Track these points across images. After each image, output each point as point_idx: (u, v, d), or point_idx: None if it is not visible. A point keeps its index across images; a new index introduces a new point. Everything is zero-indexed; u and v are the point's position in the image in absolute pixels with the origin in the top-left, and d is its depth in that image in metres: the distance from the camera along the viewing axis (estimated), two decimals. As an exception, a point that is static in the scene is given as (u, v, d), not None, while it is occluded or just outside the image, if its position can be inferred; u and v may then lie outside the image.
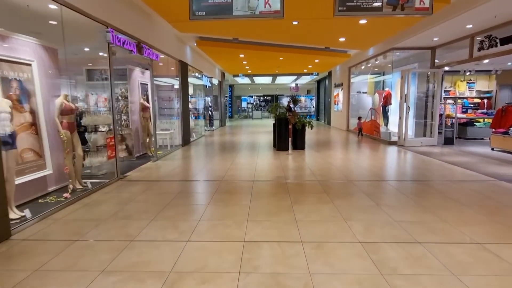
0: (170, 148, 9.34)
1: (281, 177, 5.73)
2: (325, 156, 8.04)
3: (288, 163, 7.06)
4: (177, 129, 10.01)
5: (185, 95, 10.41)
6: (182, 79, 10.03)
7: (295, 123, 9.01)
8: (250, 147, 9.73)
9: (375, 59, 11.62)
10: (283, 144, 8.91)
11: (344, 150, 9.10)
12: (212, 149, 9.46)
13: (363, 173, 6.08)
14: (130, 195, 4.70)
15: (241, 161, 7.41)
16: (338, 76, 16.69)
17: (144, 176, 5.98)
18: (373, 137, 11.80)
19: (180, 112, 9.95)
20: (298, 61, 13.47)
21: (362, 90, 14.69)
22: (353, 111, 15.10)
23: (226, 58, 12.74)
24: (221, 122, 18.93)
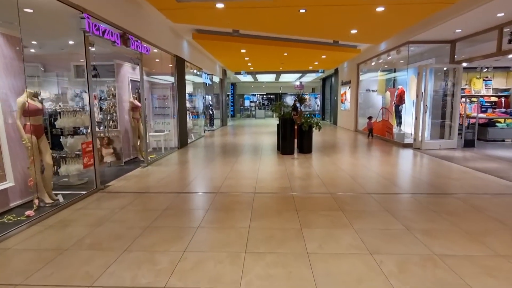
0: (165, 151, 8.57)
1: (287, 188, 4.92)
2: (335, 161, 7.22)
3: (294, 170, 6.26)
4: (173, 130, 9.23)
5: (182, 93, 9.62)
6: (179, 75, 9.24)
7: (301, 124, 8.19)
8: (252, 150, 8.94)
9: (387, 54, 10.75)
10: (288, 147, 8.10)
11: (356, 153, 8.27)
12: (210, 152, 8.67)
13: (381, 182, 5.25)
14: (106, 213, 3.92)
15: (242, 167, 6.62)
16: (346, 74, 15.83)
17: (129, 186, 5.20)
18: (385, 138, 10.95)
19: (176, 112, 9.17)
20: (304, 57, 12.63)
21: (371, 88, 13.83)
22: (361, 110, 14.25)
23: (227, 54, 11.93)
24: (222, 121, 18.15)
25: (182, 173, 6.09)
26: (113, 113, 7.22)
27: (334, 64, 15.01)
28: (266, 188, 4.94)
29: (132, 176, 5.94)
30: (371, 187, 4.97)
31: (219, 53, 11.94)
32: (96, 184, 4.87)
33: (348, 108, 15.49)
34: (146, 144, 6.87)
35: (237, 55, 12.25)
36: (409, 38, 8.86)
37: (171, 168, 6.61)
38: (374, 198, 4.42)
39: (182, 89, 9.66)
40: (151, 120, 9.08)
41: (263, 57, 12.75)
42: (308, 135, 8.26)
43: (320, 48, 10.59)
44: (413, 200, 4.34)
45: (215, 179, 5.62)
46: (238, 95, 31.79)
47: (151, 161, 7.23)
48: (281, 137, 8.16)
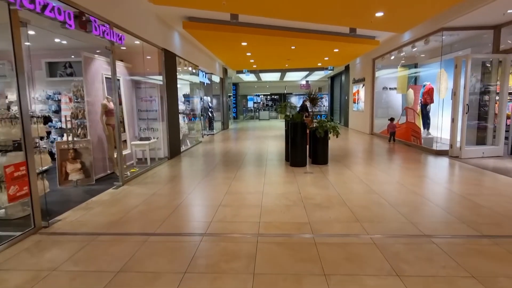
0: (151, 162, 7.14)
1: (304, 226, 3.45)
2: (359, 175, 5.73)
3: (310, 192, 4.78)
4: (162, 138, 7.80)
5: (173, 94, 8.20)
6: (168, 73, 7.82)
7: (315, 129, 6.72)
8: (255, 160, 7.48)
9: (411, 45, 9.23)
10: (299, 157, 6.63)
11: (382, 164, 6.77)
12: (205, 164, 7.22)
13: (437, 214, 3.76)
14: (23, 281, 2.48)
15: (242, 186, 5.16)
16: (359, 70, 14.31)
17: (86, 221, 3.77)
18: (410, 143, 9.42)
19: (165, 116, 7.74)
20: (313, 51, 11.15)
21: (389, 86, 12.31)
22: (377, 111, 12.73)
23: (226, 48, 10.49)
24: (223, 124, 16.71)
25: (163, 198, 4.65)
26: (81, 118, 5.82)
27: (346, 59, 13.51)
28: (274, 226, 3.48)
29: (97, 202, 4.50)
30: (426, 224, 3.48)
31: (217, 48, 10.51)
32: (33, 222, 3.43)
33: (361, 109, 13.96)
34: (120, 157, 5.44)
35: (238, 50, 10.80)
36: (444, 24, 7.34)
37: (152, 188, 5.17)
38: (441, 246, 2.93)
39: (172, 89, 8.24)
40: (135, 126, 7.66)
41: (267, 52, 11.29)
42: (323, 142, 6.78)
43: (333, 39, 9.11)
44: (504, 251, 2.84)
45: (205, 207, 4.17)
46: (241, 96, 30.39)
47: (130, 177, 5.80)
48: (290, 145, 6.70)
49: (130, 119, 7.24)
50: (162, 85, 7.65)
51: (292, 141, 6.63)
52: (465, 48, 8.60)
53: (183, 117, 10.00)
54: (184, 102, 10.63)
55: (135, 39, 6.45)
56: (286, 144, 7.28)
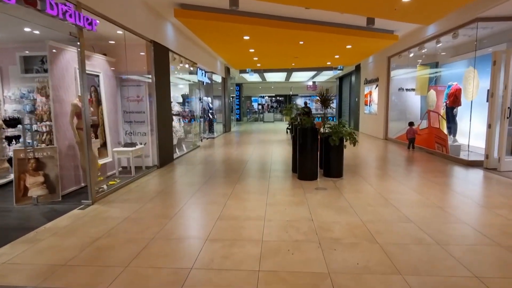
0: (136, 173, 6.15)
1: (322, 281, 2.41)
2: (384, 193, 4.67)
3: (325, 219, 3.73)
4: (151, 143, 6.81)
5: (164, 93, 7.22)
6: (158, 69, 6.84)
7: (327, 135, 5.67)
8: (257, 171, 6.45)
9: (436, 41, 8.14)
10: (309, 169, 5.58)
11: (408, 178, 5.69)
12: (199, 175, 6.21)
13: (509, 263, 2.70)
14: None
15: (238, 208, 4.13)
16: (371, 70, 13.23)
17: (16, 266, 2.77)
18: (433, 151, 8.31)
19: (155, 118, 6.75)
20: (324, 47, 10.10)
21: (406, 87, 11.22)
22: (393, 114, 11.63)
23: (226, 43, 9.49)
24: (225, 127, 15.71)
25: (136, 225, 3.63)
26: (46, 121, 4.83)
27: (359, 57, 12.43)
28: (280, 279, 2.44)
29: (51, 230, 3.50)
30: (501, 281, 2.41)
31: (217, 42, 9.51)
32: None
33: (374, 112, 12.86)
34: (90, 168, 4.44)
35: (240, 45, 9.80)
36: (480, 13, 6.26)
37: (127, 209, 4.16)
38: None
39: (164, 88, 7.25)
40: (119, 130, 6.68)
41: (272, 48, 10.27)
42: (337, 151, 5.72)
43: (346, 33, 8.06)
44: None
45: (188, 243, 3.15)
46: (245, 97, 29.42)
47: (106, 191, 4.81)
48: (298, 153, 5.65)
49: (112, 122, 6.26)
50: (151, 83, 6.66)
51: (301, 150, 5.59)
52: (498, 44, 7.50)
53: (178, 119, 9.02)
54: (180, 102, 9.65)
55: (117, 28, 5.48)
56: (293, 152, 6.24)
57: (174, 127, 8.78)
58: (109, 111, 6.11)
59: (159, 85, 6.87)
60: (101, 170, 5.74)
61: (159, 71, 6.90)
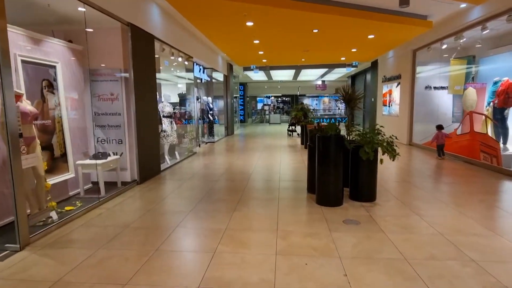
0: (107, 192, 4.77)
1: None
2: (446, 233, 3.20)
3: (371, 285, 2.30)
4: (128, 153, 5.43)
5: (147, 91, 5.85)
6: (139, 60, 5.47)
7: (355, 146, 4.23)
8: (262, 190, 5.02)
9: (481, 26, 6.64)
10: (332, 190, 4.14)
11: (468, 203, 4.21)
12: (186, 197, 4.81)
13: None
14: None
15: (233, 263, 2.71)
16: (392, 66, 11.73)
17: None
18: (473, 161, 6.80)
19: (133, 122, 5.37)
20: (341, 38, 8.63)
21: (434, 85, 9.71)
22: (418, 115, 10.13)
23: (226, 31, 8.07)
24: (227, 130, 14.32)
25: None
26: (-33, 128, 3.46)
27: (379, 51, 10.91)
28: None
29: None
30: None
31: (214, 31, 8.10)
32: None
33: (395, 113, 11.36)
34: (14, 193, 3.05)
35: (242, 35, 8.39)
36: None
37: (67, 261, 2.77)
38: None
39: (147, 84, 5.88)
40: (89, 137, 5.31)
41: (280, 39, 8.85)
42: (369, 167, 4.27)
43: (372, 17, 6.60)
44: None
45: None
46: (250, 97, 28.06)
47: (54, 223, 3.44)
48: (318, 170, 4.21)
49: (76, 126, 4.89)
50: (128, 78, 5.29)
51: (321, 164, 4.15)
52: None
53: (170, 122, 7.65)
54: (172, 102, 8.28)
55: (80, 4, 4.12)
56: (309, 167, 4.81)
57: (165, 131, 7.43)
58: (71, 112, 4.74)
59: (139, 80, 5.50)
60: (57, 191, 4.38)
61: (140, 63, 5.52)
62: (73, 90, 4.81)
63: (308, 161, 4.83)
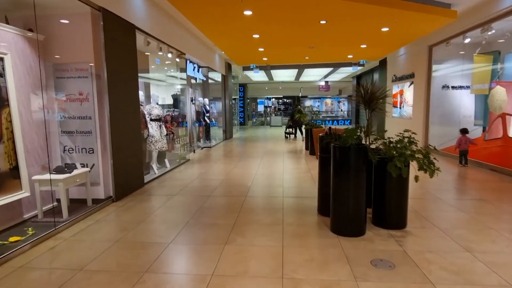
0: (74, 213, 3.86)
1: None
2: None
3: None
4: (101, 164, 4.51)
5: (124, 89, 4.95)
6: (114, 53, 4.57)
7: (380, 158, 3.31)
8: (263, 210, 4.10)
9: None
10: (351, 216, 3.22)
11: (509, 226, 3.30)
12: (168, 220, 3.90)
13: None
14: None
15: None
16: (403, 64, 10.82)
17: None
18: (502, 169, 5.87)
19: (108, 127, 4.47)
20: (352, 31, 7.71)
21: (452, 84, 8.79)
22: (433, 117, 9.20)
23: (220, 23, 7.17)
24: (226, 133, 13.41)
25: None
26: None
27: (391, 47, 9.97)
28: None
29: None
30: None
31: (208, 21, 7.20)
32: None
33: (408, 115, 10.44)
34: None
35: (240, 27, 7.50)
36: None
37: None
38: None
39: (126, 81, 4.98)
40: (53, 145, 4.41)
41: (283, 33, 7.95)
42: (399, 186, 3.35)
43: (392, 4, 5.70)
44: None
45: None
46: (251, 99, 27.20)
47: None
48: (333, 188, 3.29)
49: (34, 134, 3.99)
50: (101, 74, 4.38)
51: (339, 181, 3.24)
52: None
53: (159, 125, 6.76)
54: (160, 104, 7.41)
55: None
56: (320, 182, 3.89)
57: (153, 136, 6.55)
58: (25, 115, 3.84)
59: (116, 78, 4.60)
60: (4, 214, 3.48)
61: (116, 57, 4.63)
62: (29, 88, 3.90)
63: (320, 174, 3.91)
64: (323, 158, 3.82)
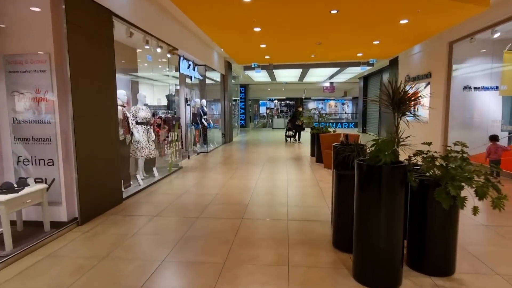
0: (19, 244, 3.01)
1: None
2: None
3: None
4: (62, 179, 3.65)
5: (95, 88, 4.10)
6: (79, 42, 3.73)
7: (421, 181, 2.43)
8: (262, 241, 3.21)
9: None
10: (382, 259, 2.34)
11: None
12: (142, 252, 3.03)
13: None
14: None
15: None
16: (418, 63, 9.93)
17: None
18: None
19: (71, 133, 3.61)
20: (366, 24, 6.85)
21: (474, 85, 7.89)
22: (453, 121, 8.31)
23: (218, 16, 6.34)
24: (225, 137, 12.55)
25: None
26: None
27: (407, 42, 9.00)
28: None
29: None
30: None
31: (203, 14, 6.37)
32: None
33: (424, 119, 9.53)
34: None
35: (239, 20, 6.65)
36: None
37: None
38: None
39: (100, 77, 4.13)
40: (8, 154, 3.57)
41: (288, 26, 7.09)
42: (447, 219, 2.47)
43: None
44: None
45: None
46: (252, 100, 26.37)
47: None
48: (357, 217, 2.42)
49: None
50: (62, 67, 3.54)
51: (364, 210, 2.37)
52: None
53: (146, 130, 5.92)
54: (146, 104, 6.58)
55: None
56: (337, 207, 3.01)
57: (138, 142, 5.72)
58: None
59: (82, 72, 3.75)
60: None
61: (83, 46, 3.79)
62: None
63: (335, 196, 3.04)
64: (340, 175, 2.95)
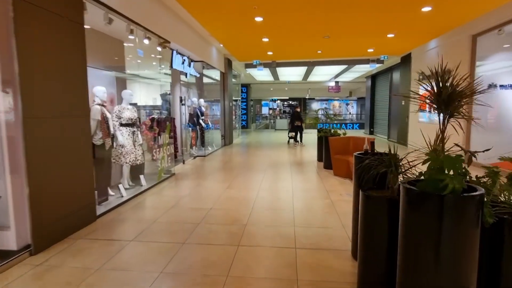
0: None
1: None
2: None
3: None
4: (10, 196, 2.88)
5: (57, 83, 3.33)
6: (30, 28, 2.96)
7: (498, 218, 1.63)
8: (263, 281, 2.43)
9: None
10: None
11: None
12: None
13: None
14: None
15: None
16: (435, 59, 9.11)
17: None
18: None
19: (21, 141, 2.84)
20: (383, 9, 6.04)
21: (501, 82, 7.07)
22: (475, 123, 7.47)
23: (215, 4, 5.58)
24: (224, 138, 11.78)
25: None
26: None
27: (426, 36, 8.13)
28: None
29: None
30: None
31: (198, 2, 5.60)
32: None
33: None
34: None
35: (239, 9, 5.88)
36: None
37: None
38: None
39: (65, 71, 3.36)
40: None
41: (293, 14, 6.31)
42: None
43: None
44: None
45: None
46: (255, 100, 25.61)
47: None
48: (401, 261, 1.63)
49: None
50: (9, 58, 2.77)
51: (422, 254, 1.57)
52: None
53: (131, 132, 5.16)
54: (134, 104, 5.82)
55: None
56: (363, 238, 2.22)
57: (123, 146, 4.97)
58: None
59: (37, 66, 2.99)
60: None
61: (40, 34, 3.02)
62: None
63: (362, 225, 2.24)
64: (370, 198, 2.16)
